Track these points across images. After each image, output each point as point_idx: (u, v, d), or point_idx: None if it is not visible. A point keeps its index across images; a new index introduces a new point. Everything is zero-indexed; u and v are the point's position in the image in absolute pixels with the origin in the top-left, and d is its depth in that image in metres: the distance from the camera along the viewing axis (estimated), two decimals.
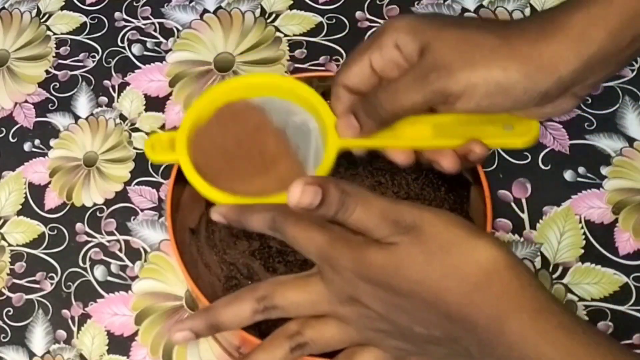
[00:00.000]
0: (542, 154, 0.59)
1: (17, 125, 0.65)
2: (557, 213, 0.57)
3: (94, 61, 0.67)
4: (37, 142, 0.64)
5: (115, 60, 0.67)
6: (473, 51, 0.47)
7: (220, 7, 0.68)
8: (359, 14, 0.67)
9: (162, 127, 0.63)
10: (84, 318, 0.57)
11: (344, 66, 0.50)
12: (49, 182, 0.62)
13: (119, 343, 0.56)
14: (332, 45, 0.65)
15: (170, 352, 0.55)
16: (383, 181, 0.57)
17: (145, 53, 0.67)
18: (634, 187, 0.57)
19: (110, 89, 0.65)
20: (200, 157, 0.51)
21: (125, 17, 0.69)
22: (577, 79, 0.47)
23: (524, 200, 0.57)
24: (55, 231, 0.60)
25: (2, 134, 0.64)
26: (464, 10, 0.66)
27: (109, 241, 0.59)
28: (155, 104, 0.64)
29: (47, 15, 0.70)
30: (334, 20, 0.66)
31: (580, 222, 0.56)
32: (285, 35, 0.66)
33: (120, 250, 0.59)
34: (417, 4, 0.66)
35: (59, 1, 0.70)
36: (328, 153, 0.50)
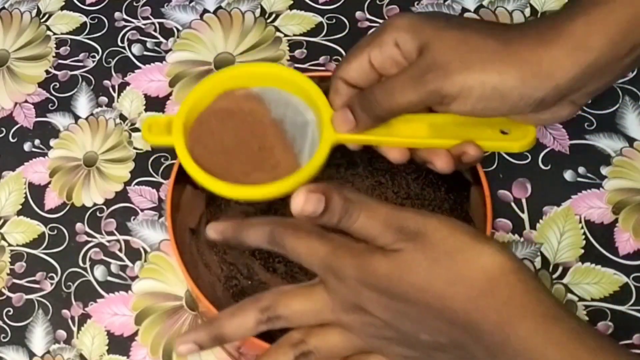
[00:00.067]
0: (542, 154, 0.59)
1: (17, 125, 0.65)
2: (557, 213, 0.57)
3: (94, 61, 0.67)
4: (37, 142, 0.64)
5: (115, 60, 0.67)
6: (471, 53, 0.46)
7: (220, 7, 0.68)
8: (359, 14, 0.67)
9: None
10: (84, 318, 0.57)
11: (343, 61, 0.50)
12: (49, 182, 0.62)
13: (119, 343, 0.56)
14: (332, 45, 0.65)
15: (170, 352, 0.55)
16: (383, 181, 0.57)
17: (145, 53, 0.67)
18: (634, 187, 0.57)
19: (110, 89, 0.65)
20: (196, 143, 0.51)
21: (125, 17, 0.69)
22: (574, 87, 0.47)
23: (524, 200, 0.57)
24: (55, 231, 0.60)
25: (2, 134, 0.64)
26: (464, 10, 0.66)
27: (109, 241, 0.59)
28: (155, 104, 0.64)
29: (47, 15, 0.70)
30: (334, 20, 0.66)
31: (580, 222, 0.56)
32: (285, 35, 0.66)
33: (120, 250, 0.59)
34: (417, 4, 0.66)
35: (59, 1, 0.70)
36: (322, 146, 0.50)
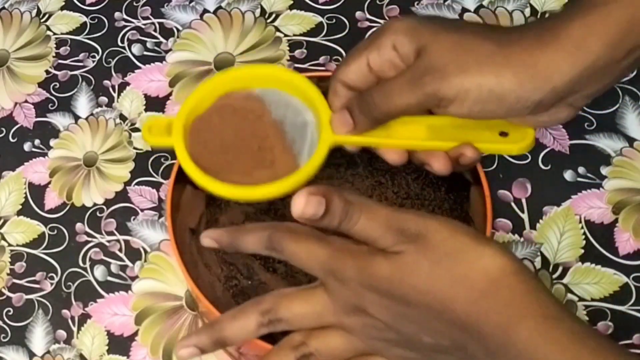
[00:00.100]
0: (542, 154, 0.59)
1: (17, 125, 0.65)
2: (557, 213, 0.57)
3: (94, 61, 0.67)
4: (37, 142, 0.64)
5: (115, 60, 0.67)
6: (468, 56, 0.46)
7: (220, 7, 0.68)
8: (359, 14, 0.67)
9: None
10: (84, 318, 0.57)
11: (342, 63, 0.50)
12: (49, 182, 0.62)
13: (119, 343, 0.56)
14: (332, 45, 0.65)
15: (170, 352, 0.55)
16: (383, 181, 0.57)
17: (145, 53, 0.67)
18: (634, 187, 0.57)
19: (110, 89, 0.65)
20: (197, 144, 0.51)
21: (125, 17, 0.69)
22: (572, 90, 0.47)
23: (524, 200, 0.57)
24: (55, 231, 0.60)
25: (2, 134, 0.64)
26: (464, 10, 0.66)
27: (109, 241, 0.59)
28: (155, 104, 0.64)
29: (47, 15, 0.70)
30: (334, 20, 0.66)
31: (580, 222, 0.56)
32: (285, 35, 0.66)
33: (120, 250, 0.59)
34: (417, 4, 0.66)
35: (59, 1, 0.70)
36: (320, 148, 0.50)
